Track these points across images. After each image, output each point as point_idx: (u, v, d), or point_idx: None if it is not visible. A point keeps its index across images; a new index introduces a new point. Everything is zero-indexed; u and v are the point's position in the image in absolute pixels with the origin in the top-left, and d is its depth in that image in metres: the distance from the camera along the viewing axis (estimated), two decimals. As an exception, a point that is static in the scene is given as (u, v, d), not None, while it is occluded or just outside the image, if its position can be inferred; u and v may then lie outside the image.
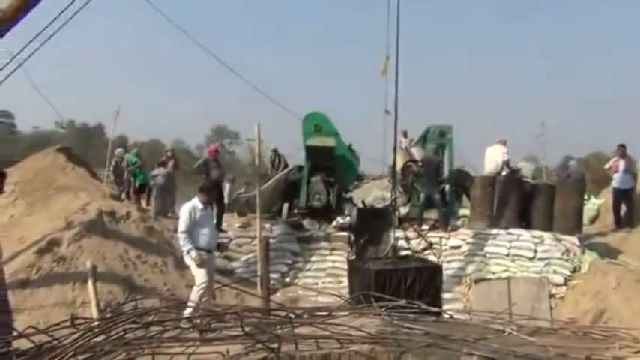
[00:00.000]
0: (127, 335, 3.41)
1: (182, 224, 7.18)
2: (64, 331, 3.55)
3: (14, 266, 7.53)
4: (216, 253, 7.94)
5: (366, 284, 7.31)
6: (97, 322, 3.79)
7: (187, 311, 5.88)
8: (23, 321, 6.39)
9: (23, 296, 7.12)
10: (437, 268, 8.08)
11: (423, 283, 7.48)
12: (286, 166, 15.08)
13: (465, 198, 13.42)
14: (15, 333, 4.31)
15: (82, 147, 33.83)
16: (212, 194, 7.58)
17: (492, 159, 12.49)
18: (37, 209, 9.51)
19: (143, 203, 14.16)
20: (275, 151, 17.00)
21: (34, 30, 7.71)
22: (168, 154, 14.44)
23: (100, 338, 3.33)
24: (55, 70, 60.99)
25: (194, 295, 7.01)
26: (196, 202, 7.37)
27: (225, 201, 13.42)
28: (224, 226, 11.87)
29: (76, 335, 3.32)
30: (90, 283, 7.00)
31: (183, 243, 7.18)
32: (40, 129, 49.28)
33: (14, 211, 9.74)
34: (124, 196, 14.50)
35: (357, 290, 7.76)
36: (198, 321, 3.89)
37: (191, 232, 7.09)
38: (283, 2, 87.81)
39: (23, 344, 3.61)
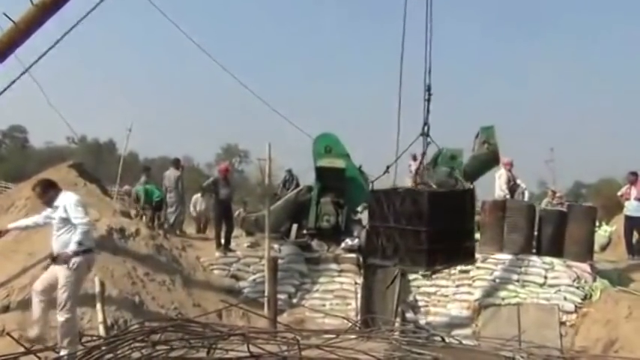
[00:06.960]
0: (133, 354, 3.40)
1: None
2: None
3: (23, 281, 7.54)
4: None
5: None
6: (103, 341, 3.78)
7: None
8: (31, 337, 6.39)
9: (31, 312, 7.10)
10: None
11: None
12: (297, 186, 15.09)
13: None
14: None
15: (94, 162, 34.12)
16: (44, 195, 6.52)
17: (499, 182, 12.43)
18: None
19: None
20: (290, 172, 17.05)
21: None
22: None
23: (107, 357, 3.32)
24: (67, 85, 61.70)
25: None
26: None
27: None
28: (232, 245, 11.87)
29: (82, 353, 3.31)
30: (97, 300, 7.00)
31: None
32: (53, 144, 50.02)
33: (25, 226, 9.75)
34: (133, 212, 14.41)
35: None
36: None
37: None
38: (298, 20, 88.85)
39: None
